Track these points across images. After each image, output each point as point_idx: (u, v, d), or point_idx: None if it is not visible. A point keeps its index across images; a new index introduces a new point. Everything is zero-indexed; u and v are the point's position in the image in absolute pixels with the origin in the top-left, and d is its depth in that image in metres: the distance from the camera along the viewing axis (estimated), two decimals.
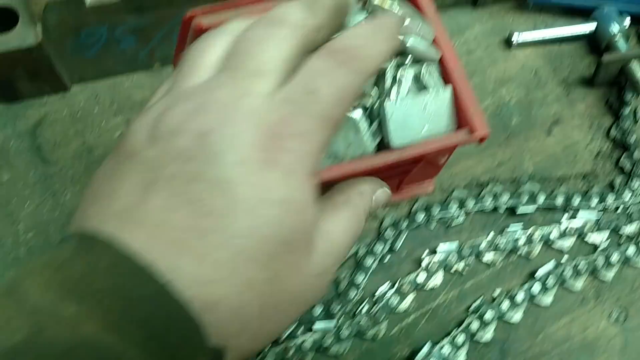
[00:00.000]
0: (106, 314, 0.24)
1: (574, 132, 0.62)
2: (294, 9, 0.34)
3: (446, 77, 0.48)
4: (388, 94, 0.45)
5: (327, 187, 0.46)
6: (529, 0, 0.66)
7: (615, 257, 0.56)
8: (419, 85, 0.46)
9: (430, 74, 0.46)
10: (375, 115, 0.45)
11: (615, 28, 0.64)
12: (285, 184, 0.29)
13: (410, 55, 0.47)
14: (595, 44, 0.66)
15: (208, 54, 0.34)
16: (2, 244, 0.54)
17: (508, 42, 0.65)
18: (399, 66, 0.48)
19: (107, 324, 0.24)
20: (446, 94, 0.45)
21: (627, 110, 0.62)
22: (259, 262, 0.29)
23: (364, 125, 0.44)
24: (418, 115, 0.44)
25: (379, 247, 0.55)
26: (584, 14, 0.67)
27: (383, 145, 0.45)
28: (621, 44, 0.64)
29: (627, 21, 0.65)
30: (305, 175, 0.30)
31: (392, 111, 0.43)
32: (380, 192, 0.42)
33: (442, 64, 0.48)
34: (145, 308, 0.25)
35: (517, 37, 0.65)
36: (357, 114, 0.44)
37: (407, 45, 0.47)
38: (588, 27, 0.66)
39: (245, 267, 0.28)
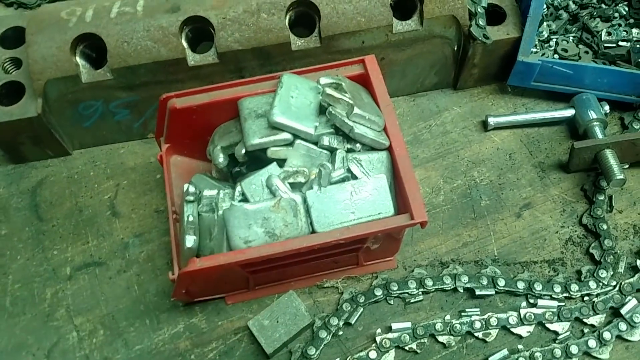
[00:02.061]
0: None
1: (545, 216, 0.62)
2: None
3: (394, 165, 0.51)
4: (318, 182, 0.47)
5: (259, 265, 0.49)
6: (509, 84, 0.68)
7: (574, 349, 0.55)
8: (353, 173, 0.48)
9: (363, 163, 0.49)
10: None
11: (592, 114, 0.64)
12: None
13: (358, 144, 0.51)
14: (575, 129, 0.67)
15: None
16: None
17: (485, 125, 0.67)
18: (348, 152, 0.51)
19: None
20: (379, 182, 0.48)
21: (601, 197, 0.62)
22: None
23: (301, 208, 0.46)
24: (344, 202, 0.46)
25: (334, 321, 0.56)
26: (567, 98, 0.67)
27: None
28: (598, 130, 0.64)
29: (606, 108, 0.65)
30: None
31: (313, 200, 0.46)
32: None
33: (390, 151, 0.51)
34: None
35: (492, 121, 0.66)
36: (297, 198, 0.47)
37: (355, 132, 0.50)
38: (567, 113, 0.66)
39: None
